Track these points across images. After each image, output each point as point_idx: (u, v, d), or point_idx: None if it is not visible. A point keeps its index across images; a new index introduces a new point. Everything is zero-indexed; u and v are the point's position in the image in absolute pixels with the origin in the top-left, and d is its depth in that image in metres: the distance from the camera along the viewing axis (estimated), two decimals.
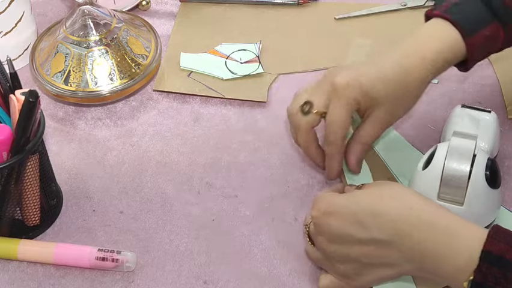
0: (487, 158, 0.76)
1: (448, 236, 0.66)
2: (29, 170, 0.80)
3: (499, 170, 0.77)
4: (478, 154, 0.76)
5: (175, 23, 1.09)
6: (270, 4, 1.12)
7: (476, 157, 0.76)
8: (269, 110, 0.97)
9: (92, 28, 0.98)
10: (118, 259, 0.80)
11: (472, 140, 0.77)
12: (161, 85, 1.00)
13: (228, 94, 0.98)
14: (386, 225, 0.68)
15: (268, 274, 0.81)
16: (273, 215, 0.86)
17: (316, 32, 1.07)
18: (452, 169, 0.75)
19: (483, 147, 0.80)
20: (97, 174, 0.91)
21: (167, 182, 0.90)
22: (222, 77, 1.00)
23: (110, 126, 0.97)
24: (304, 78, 0.99)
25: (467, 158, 0.75)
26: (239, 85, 0.99)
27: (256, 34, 1.06)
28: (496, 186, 0.76)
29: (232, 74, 1.00)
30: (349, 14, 1.09)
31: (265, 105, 0.98)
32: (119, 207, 0.88)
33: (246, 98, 0.98)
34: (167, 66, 1.02)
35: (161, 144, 0.94)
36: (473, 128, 0.81)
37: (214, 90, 0.99)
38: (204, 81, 1.00)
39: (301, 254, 0.82)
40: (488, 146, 0.80)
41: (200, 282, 0.80)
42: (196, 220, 0.86)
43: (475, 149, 0.76)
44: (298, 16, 1.10)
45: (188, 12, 1.11)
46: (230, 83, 0.99)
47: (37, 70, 0.99)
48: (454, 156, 0.76)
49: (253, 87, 0.99)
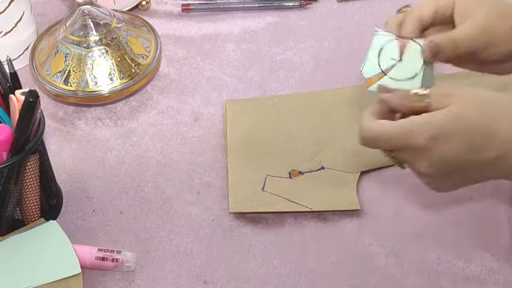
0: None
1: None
2: (29, 170, 0.80)
3: None
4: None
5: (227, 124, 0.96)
6: (272, 7, 1.12)
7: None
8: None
9: (92, 28, 0.98)
10: (118, 259, 0.80)
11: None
12: (237, 207, 0.85)
13: (316, 207, 0.85)
14: (500, 146, 0.66)
15: (268, 274, 0.81)
16: (273, 214, 0.86)
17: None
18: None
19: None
20: (97, 174, 0.91)
21: (167, 182, 0.90)
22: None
23: (110, 126, 0.97)
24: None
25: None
26: (320, 191, 0.87)
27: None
28: None
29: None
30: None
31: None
32: (119, 207, 0.88)
33: (337, 208, 0.86)
34: (237, 181, 0.88)
35: (161, 144, 0.94)
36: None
37: (297, 203, 0.86)
38: (281, 194, 0.87)
39: (301, 254, 0.82)
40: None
41: (200, 282, 0.80)
42: (196, 220, 0.86)
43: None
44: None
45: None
46: (308, 191, 0.87)
47: (37, 70, 0.99)
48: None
49: (338, 192, 0.87)
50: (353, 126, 0.93)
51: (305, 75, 1.03)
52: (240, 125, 0.94)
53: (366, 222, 0.85)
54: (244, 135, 0.93)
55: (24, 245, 0.79)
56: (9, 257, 0.78)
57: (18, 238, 0.80)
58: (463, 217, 0.85)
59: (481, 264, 0.81)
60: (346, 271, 0.81)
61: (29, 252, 0.79)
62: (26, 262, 0.78)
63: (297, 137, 0.93)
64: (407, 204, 0.87)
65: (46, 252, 0.79)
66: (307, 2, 1.13)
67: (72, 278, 0.77)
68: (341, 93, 0.99)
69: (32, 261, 0.78)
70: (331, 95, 0.98)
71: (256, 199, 0.86)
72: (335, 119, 0.95)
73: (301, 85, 1.01)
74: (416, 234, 0.84)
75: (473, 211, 0.86)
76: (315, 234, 0.84)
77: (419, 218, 0.85)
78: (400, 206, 0.86)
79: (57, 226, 0.81)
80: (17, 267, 0.77)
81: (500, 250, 0.82)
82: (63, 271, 0.77)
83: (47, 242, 0.80)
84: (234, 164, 0.90)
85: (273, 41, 1.08)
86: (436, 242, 0.83)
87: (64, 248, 0.79)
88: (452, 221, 0.85)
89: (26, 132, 0.77)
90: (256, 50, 1.07)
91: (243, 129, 0.94)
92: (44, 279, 0.76)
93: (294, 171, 0.89)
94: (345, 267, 0.81)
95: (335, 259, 0.82)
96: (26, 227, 0.82)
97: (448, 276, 0.80)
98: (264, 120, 0.95)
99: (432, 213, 0.86)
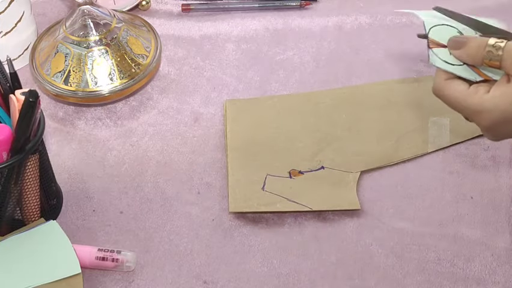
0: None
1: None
2: (29, 170, 0.80)
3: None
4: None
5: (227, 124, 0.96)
6: (272, 8, 1.12)
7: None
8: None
9: (92, 28, 0.98)
10: (118, 259, 0.80)
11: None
12: (237, 206, 0.85)
13: (316, 206, 0.86)
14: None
15: (268, 274, 0.81)
16: (273, 214, 0.86)
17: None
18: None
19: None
20: (97, 174, 0.91)
21: (167, 182, 0.90)
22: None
23: (110, 126, 0.97)
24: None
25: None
26: (320, 191, 0.87)
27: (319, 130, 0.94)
28: None
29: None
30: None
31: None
32: (119, 207, 0.88)
33: (337, 208, 0.86)
34: (237, 180, 0.88)
35: (161, 144, 0.94)
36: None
37: (297, 203, 0.86)
38: (281, 193, 0.87)
39: (301, 254, 0.82)
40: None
41: (200, 282, 0.80)
42: (196, 220, 0.86)
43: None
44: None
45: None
46: (308, 191, 0.87)
47: (37, 70, 0.99)
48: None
49: (338, 192, 0.87)
50: (353, 126, 0.94)
51: (305, 75, 1.02)
52: (240, 125, 0.94)
53: (366, 222, 0.85)
54: (244, 135, 0.93)
55: (24, 245, 0.79)
56: (9, 257, 0.78)
57: (18, 238, 0.80)
58: (463, 217, 0.85)
59: (481, 264, 0.81)
60: (346, 271, 0.81)
61: (29, 252, 0.79)
62: (26, 262, 0.78)
63: (297, 136, 0.93)
64: (407, 204, 0.87)
65: (46, 252, 0.79)
66: (307, 2, 1.13)
67: (72, 278, 0.77)
68: (341, 93, 0.99)
69: (32, 261, 0.78)
70: (331, 94, 0.98)
71: (256, 199, 0.86)
72: (335, 119, 0.95)
73: (301, 85, 1.01)
74: (416, 234, 0.84)
75: (473, 211, 0.86)
76: (315, 234, 0.84)
77: (419, 218, 0.85)
78: (400, 206, 0.86)
79: (57, 226, 0.81)
80: (17, 267, 0.77)
81: (500, 250, 0.82)
82: (63, 271, 0.77)
83: (47, 242, 0.80)
84: (234, 164, 0.90)
85: (273, 41, 1.08)
86: (436, 242, 0.83)
87: (64, 248, 0.79)
88: (452, 221, 0.85)
89: (26, 132, 0.77)
90: (256, 50, 1.07)
91: (243, 129, 0.94)
92: (44, 279, 0.76)
93: (294, 170, 0.89)
94: (345, 267, 0.81)
95: (335, 259, 0.82)
96: (26, 227, 0.82)
97: (448, 276, 0.80)
98: (264, 120, 0.95)
99: (432, 213, 0.86)
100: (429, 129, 0.94)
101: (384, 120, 0.95)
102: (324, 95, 0.98)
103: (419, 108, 0.96)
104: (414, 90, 0.98)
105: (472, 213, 0.85)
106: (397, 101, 0.97)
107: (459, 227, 0.84)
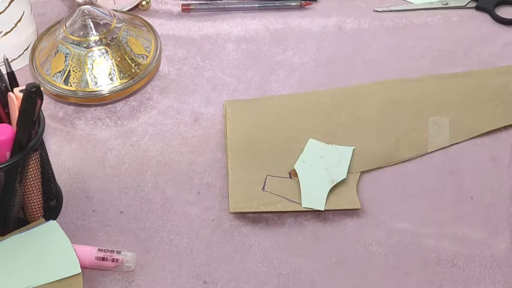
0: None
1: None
2: (31, 168, 0.80)
3: None
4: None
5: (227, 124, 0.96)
6: (272, 8, 1.12)
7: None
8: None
9: (92, 28, 0.98)
10: (118, 259, 0.80)
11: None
12: (237, 206, 0.85)
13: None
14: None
15: (268, 274, 0.81)
16: (273, 214, 0.86)
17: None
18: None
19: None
20: (97, 174, 0.91)
21: (167, 182, 0.90)
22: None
23: (110, 126, 0.97)
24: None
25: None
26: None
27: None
28: None
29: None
30: (388, 8, 1.11)
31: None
32: (119, 207, 0.88)
33: (337, 207, 0.86)
34: (237, 180, 0.88)
35: (161, 144, 0.94)
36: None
37: (297, 203, 0.86)
38: (281, 194, 0.87)
39: (301, 254, 0.82)
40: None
41: (200, 282, 0.80)
42: (196, 220, 0.86)
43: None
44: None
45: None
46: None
47: (37, 70, 0.99)
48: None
49: (338, 192, 0.87)
50: (353, 126, 0.94)
51: (305, 75, 1.03)
52: (240, 125, 0.94)
53: (366, 222, 0.85)
54: (244, 135, 0.93)
55: (24, 245, 0.79)
56: (10, 257, 0.78)
57: (18, 238, 0.80)
58: (462, 217, 0.85)
59: (481, 264, 0.81)
60: (346, 271, 0.81)
61: (29, 252, 0.79)
62: (26, 262, 0.78)
63: (297, 137, 0.93)
64: (407, 204, 0.87)
65: (46, 252, 0.79)
66: (307, 2, 1.13)
67: (72, 278, 0.77)
68: (341, 93, 0.99)
69: (32, 261, 0.78)
70: (331, 94, 0.98)
71: (256, 199, 0.86)
72: (335, 119, 0.95)
73: (301, 85, 1.01)
74: (416, 234, 0.84)
75: (473, 211, 0.86)
76: (315, 234, 0.84)
77: (419, 218, 0.85)
78: (400, 206, 0.86)
79: (57, 226, 0.81)
80: (17, 267, 0.77)
81: (500, 250, 0.82)
82: (63, 271, 0.77)
83: (47, 242, 0.80)
84: (234, 164, 0.90)
85: (273, 41, 1.08)
86: (436, 242, 0.83)
87: (64, 248, 0.79)
88: (452, 221, 0.85)
89: (29, 126, 0.76)
90: (256, 50, 1.07)
91: (243, 129, 0.94)
92: (44, 279, 0.76)
93: (294, 171, 0.89)
94: (345, 267, 0.81)
95: (335, 259, 0.82)
96: (26, 227, 0.82)
97: (448, 276, 0.80)
98: (264, 120, 0.95)
99: (432, 213, 0.86)
100: (429, 129, 0.94)
101: (384, 120, 0.95)
102: (324, 95, 0.98)
103: (419, 108, 0.96)
104: (414, 90, 0.98)
105: (472, 213, 0.85)
106: (397, 101, 0.97)
107: (459, 227, 0.84)
